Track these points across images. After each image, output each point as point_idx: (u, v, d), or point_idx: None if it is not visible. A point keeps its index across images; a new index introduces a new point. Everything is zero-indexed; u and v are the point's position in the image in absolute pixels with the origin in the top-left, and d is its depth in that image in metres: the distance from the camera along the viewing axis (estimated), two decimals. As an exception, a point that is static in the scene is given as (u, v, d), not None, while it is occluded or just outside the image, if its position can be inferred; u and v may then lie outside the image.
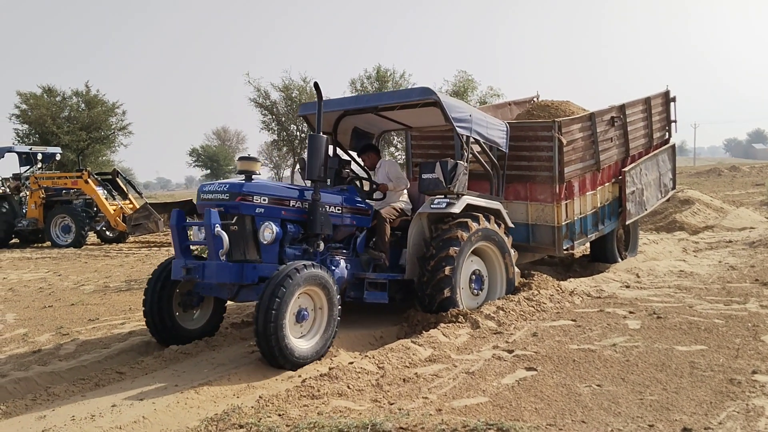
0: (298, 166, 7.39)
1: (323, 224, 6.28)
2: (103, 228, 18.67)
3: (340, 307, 5.81)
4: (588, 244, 10.06)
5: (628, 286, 8.43)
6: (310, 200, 6.28)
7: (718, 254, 11.11)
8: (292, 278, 5.31)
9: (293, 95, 38.29)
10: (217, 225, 5.70)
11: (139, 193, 20.11)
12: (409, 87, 39.28)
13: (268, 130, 40.25)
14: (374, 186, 7.51)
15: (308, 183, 6.79)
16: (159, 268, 6.34)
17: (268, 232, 5.95)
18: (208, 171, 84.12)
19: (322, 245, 6.43)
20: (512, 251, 7.58)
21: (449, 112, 6.87)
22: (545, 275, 8.41)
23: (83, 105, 40.57)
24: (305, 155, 6.35)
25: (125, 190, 18.93)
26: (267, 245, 6.01)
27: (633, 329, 6.18)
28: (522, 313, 6.88)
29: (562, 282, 8.36)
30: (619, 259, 10.43)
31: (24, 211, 18.57)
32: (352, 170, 7.47)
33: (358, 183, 7.56)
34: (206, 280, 5.86)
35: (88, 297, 9.44)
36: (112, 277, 11.37)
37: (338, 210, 6.68)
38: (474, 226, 6.97)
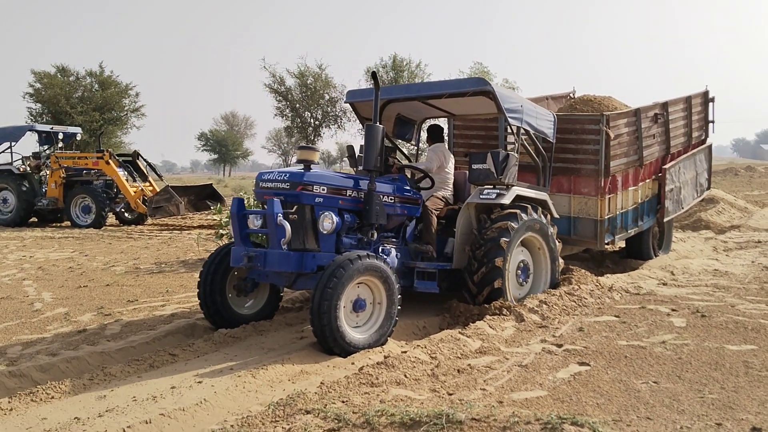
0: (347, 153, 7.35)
1: (378, 214, 6.28)
2: (122, 209, 18.70)
3: (399, 306, 5.81)
4: (624, 240, 10.06)
5: (665, 284, 8.41)
6: (366, 190, 6.28)
7: (750, 254, 11.08)
8: (353, 263, 5.35)
9: (308, 82, 38.32)
10: (279, 214, 5.72)
11: (159, 176, 20.11)
12: (426, 77, 39.32)
13: (282, 116, 40.31)
14: (427, 174, 7.45)
15: (352, 171, 6.77)
16: (216, 251, 6.39)
17: (328, 222, 5.96)
18: (216, 156, 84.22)
19: (375, 234, 6.43)
20: (558, 243, 7.60)
21: (502, 103, 6.85)
22: (583, 270, 8.40)
23: (97, 85, 40.64)
24: (353, 143, 6.34)
25: (145, 172, 18.95)
26: (326, 235, 6.02)
27: (679, 327, 6.17)
28: (564, 307, 6.88)
29: (599, 277, 8.36)
30: (653, 256, 10.42)
31: (44, 190, 18.60)
32: (397, 158, 7.44)
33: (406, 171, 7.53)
34: (268, 269, 5.87)
35: (121, 278, 9.47)
36: (141, 259, 11.40)
37: (391, 199, 6.69)
38: (523, 216, 6.97)
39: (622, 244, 10.64)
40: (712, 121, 11.51)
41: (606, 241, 8.83)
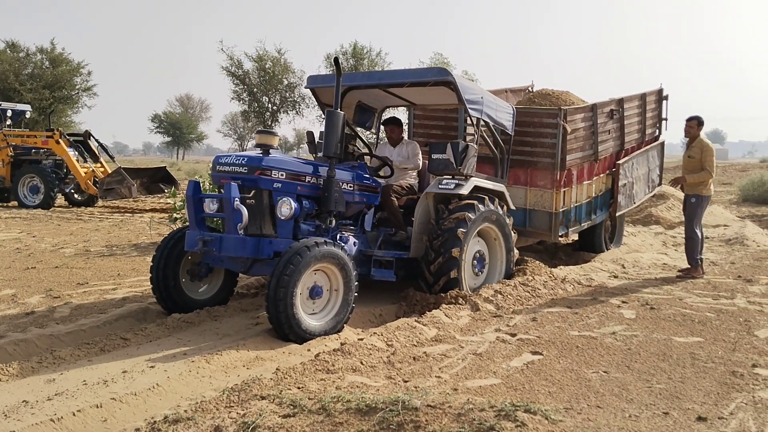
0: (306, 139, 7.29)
1: (337, 201, 6.25)
2: (72, 190, 18.26)
3: (356, 294, 5.80)
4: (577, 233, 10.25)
5: (616, 276, 8.59)
6: (325, 177, 6.24)
7: (697, 250, 11.36)
8: (310, 250, 5.31)
9: (267, 66, 37.93)
10: (236, 198, 5.64)
11: (111, 157, 19.69)
12: (386, 65, 39.27)
13: (239, 101, 39.85)
14: (387, 162, 7.43)
15: (311, 157, 6.72)
16: (169, 234, 6.28)
17: (286, 207, 5.89)
18: (170, 138, 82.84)
19: (333, 222, 6.40)
20: (513, 234, 7.68)
21: (463, 94, 6.88)
22: (537, 261, 8.52)
23: (48, 63, 39.58)
24: (312, 129, 6.30)
25: (97, 153, 18.52)
26: (284, 221, 5.96)
27: (629, 318, 6.31)
28: (519, 297, 6.97)
29: (553, 269, 8.49)
30: (605, 249, 10.64)
31: (-10, 168, 18.04)
32: (357, 146, 7.42)
33: (366, 159, 7.52)
34: (223, 253, 5.80)
35: (71, 260, 9.25)
36: (91, 242, 11.14)
37: (350, 187, 6.66)
38: (480, 207, 7.02)
39: (575, 237, 10.83)
40: (665, 119, 11.74)
41: (560, 234, 8.98)
